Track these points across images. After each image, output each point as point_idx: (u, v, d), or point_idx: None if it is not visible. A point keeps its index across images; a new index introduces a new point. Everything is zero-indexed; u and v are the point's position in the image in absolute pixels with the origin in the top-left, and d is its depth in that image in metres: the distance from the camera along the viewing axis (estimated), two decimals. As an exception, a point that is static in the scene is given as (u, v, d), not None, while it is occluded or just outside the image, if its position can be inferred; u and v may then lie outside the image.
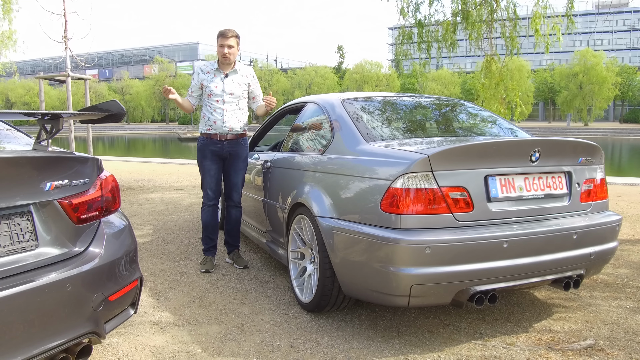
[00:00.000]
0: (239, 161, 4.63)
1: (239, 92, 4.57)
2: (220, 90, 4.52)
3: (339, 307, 3.44)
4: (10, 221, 2.02)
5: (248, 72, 4.69)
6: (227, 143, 4.55)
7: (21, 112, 2.26)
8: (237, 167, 4.64)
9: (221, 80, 4.54)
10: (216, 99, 4.52)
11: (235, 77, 4.58)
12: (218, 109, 4.52)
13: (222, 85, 4.53)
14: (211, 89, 4.53)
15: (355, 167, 3.19)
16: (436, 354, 2.92)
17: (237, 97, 4.57)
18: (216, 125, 4.52)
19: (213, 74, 4.57)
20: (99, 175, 2.44)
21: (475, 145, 3.05)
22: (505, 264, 2.89)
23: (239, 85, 4.57)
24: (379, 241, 2.83)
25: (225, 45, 4.49)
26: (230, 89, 4.53)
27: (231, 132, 4.54)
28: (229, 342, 3.10)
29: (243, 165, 4.68)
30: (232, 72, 4.58)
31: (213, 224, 4.72)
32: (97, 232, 2.37)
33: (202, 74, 4.61)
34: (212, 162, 4.59)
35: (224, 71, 4.56)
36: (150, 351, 2.98)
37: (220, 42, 4.52)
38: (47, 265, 2.08)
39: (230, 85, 4.54)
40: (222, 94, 4.52)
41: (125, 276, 2.42)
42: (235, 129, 4.56)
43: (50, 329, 2.01)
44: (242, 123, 4.62)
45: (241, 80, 4.60)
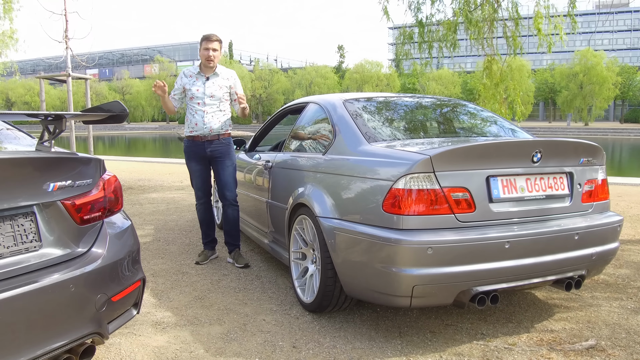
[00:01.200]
0: (224, 160, 4.73)
1: (219, 94, 4.68)
2: (201, 92, 4.65)
3: (341, 307, 3.44)
4: (14, 222, 2.03)
5: (230, 74, 4.80)
6: (209, 143, 4.67)
7: (24, 113, 2.26)
8: (224, 166, 4.73)
9: (202, 83, 4.68)
10: (197, 101, 4.65)
11: (217, 80, 4.70)
12: (199, 111, 4.64)
13: (203, 88, 4.66)
14: (193, 92, 4.67)
15: (357, 167, 3.19)
16: (438, 354, 2.93)
17: (218, 99, 4.68)
18: (197, 127, 4.65)
19: (195, 77, 4.71)
20: (101, 176, 2.44)
21: (477, 145, 3.05)
22: (507, 265, 2.89)
23: (219, 88, 4.69)
24: (381, 242, 2.84)
25: (210, 48, 4.63)
26: (211, 92, 4.66)
27: (212, 132, 4.65)
28: (231, 343, 3.10)
29: (230, 163, 4.76)
30: (213, 75, 4.70)
31: (207, 220, 4.94)
32: (100, 232, 2.38)
33: (184, 77, 4.76)
34: (196, 163, 4.77)
35: (206, 74, 4.70)
36: (153, 351, 2.98)
37: (204, 46, 4.66)
38: (50, 265, 2.09)
39: (211, 87, 4.67)
40: (203, 96, 4.65)
41: (128, 277, 2.43)
42: (217, 130, 4.67)
43: (53, 330, 2.02)
44: (223, 123, 4.72)
45: (222, 82, 4.71)
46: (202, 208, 4.89)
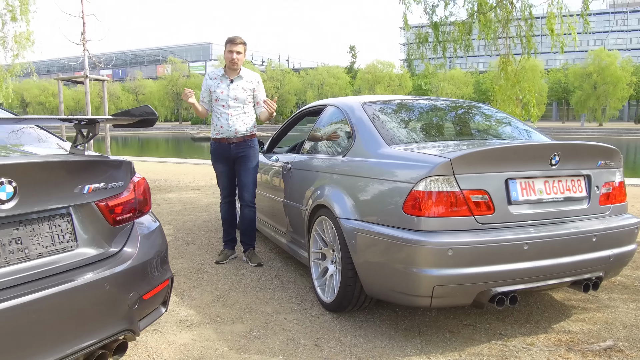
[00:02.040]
0: (247, 162, 4.82)
1: (243, 96, 4.77)
2: (225, 95, 4.75)
3: (361, 307, 3.50)
4: (52, 222, 2.11)
5: (253, 77, 4.87)
6: (235, 146, 4.77)
7: (58, 118, 2.34)
8: (246, 167, 4.82)
9: (227, 85, 4.77)
10: (222, 103, 4.76)
11: (240, 82, 4.78)
12: (224, 114, 4.75)
13: (227, 90, 4.75)
14: (217, 94, 4.77)
15: (377, 169, 3.25)
16: (457, 353, 2.98)
17: (242, 101, 4.77)
18: (223, 130, 4.76)
19: (219, 79, 4.81)
20: (131, 178, 2.52)
21: (497, 149, 3.10)
22: (526, 266, 2.94)
23: (243, 90, 4.77)
24: (402, 242, 2.89)
25: (234, 51, 4.71)
26: (235, 94, 4.74)
27: (237, 135, 4.75)
28: (254, 340, 3.18)
29: (252, 166, 4.85)
30: (237, 77, 4.79)
31: (230, 219, 5.07)
32: (131, 233, 2.46)
33: (209, 80, 4.86)
34: (222, 164, 4.88)
35: (230, 77, 4.78)
36: (179, 348, 3.07)
37: (229, 48, 4.75)
38: (85, 265, 2.17)
39: (235, 90, 4.75)
40: (227, 98, 4.74)
41: (157, 276, 2.51)
42: (242, 132, 4.76)
43: (90, 327, 2.10)
44: (248, 126, 4.81)
45: (246, 85, 4.79)
46: (225, 206, 5.01)
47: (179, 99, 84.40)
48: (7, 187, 1.85)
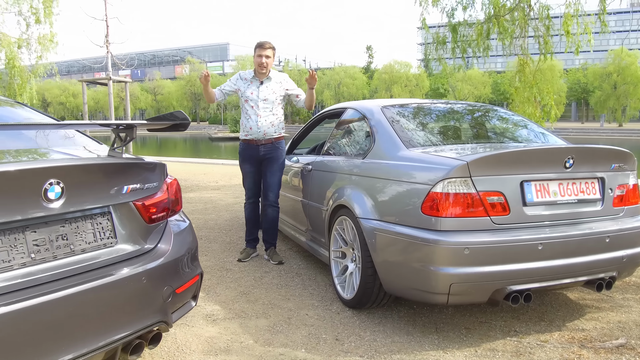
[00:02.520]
0: (274, 164, 4.94)
1: (272, 98, 4.90)
2: (255, 96, 4.87)
3: (380, 304, 3.63)
4: (94, 220, 2.27)
5: (282, 77, 5.03)
6: (263, 147, 4.90)
7: (98, 123, 2.49)
8: (273, 169, 4.95)
9: (256, 87, 4.90)
10: (251, 104, 4.88)
11: (270, 84, 4.92)
12: (253, 115, 4.87)
13: (257, 91, 4.88)
14: (247, 95, 4.90)
15: (397, 171, 3.38)
16: (473, 349, 3.10)
17: (271, 102, 4.89)
18: (252, 131, 4.88)
19: (250, 81, 4.94)
20: (165, 179, 2.68)
21: (512, 152, 3.21)
22: (540, 265, 3.05)
23: (273, 92, 4.90)
24: (420, 242, 3.02)
25: (263, 55, 4.84)
26: (264, 96, 4.87)
27: (266, 136, 4.88)
28: (277, 335, 3.32)
29: (279, 168, 4.99)
30: (267, 79, 4.92)
31: (254, 219, 5.18)
32: (165, 230, 2.61)
33: (240, 80, 5.00)
34: (250, 165, 5.00)
35: (260, 79, 4.92)
36: (206, 341, 3.22)
37: (258, 53, 4.87)
38: (124, 260, 2.33)
39: (265, 91, 4.88)
40: (257, 99, 4.87)
41: (189, 271, 2.66)
42: (270, 134, 4.89)
43: (128, 318, 2.25)
44: (276, 127, 4.93)
45: (276, 87, 4.93)
46: (250, 207, 5.13)
47: (197, 99, 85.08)
48: (56, 187, 2.01)
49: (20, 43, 18.55)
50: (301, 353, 3.06)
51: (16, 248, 1.97)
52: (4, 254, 1.93)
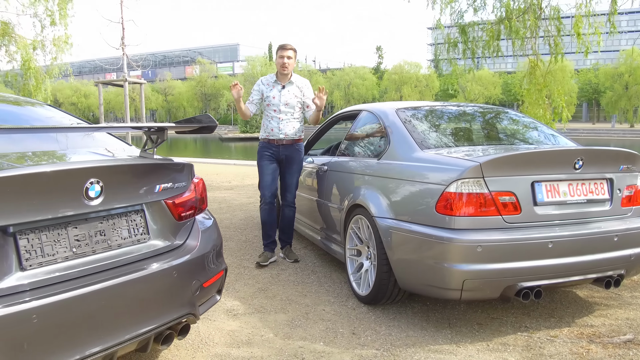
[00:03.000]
0: (293, 164, 5.06)
1: (294, 102, 5.00)
2: (277, 100, 4.98)
3: (394, 300, 3.76)
4: (128, 217, 2.41)
5: (304, 83, 5.11)
6: (283, 147, 5.00)
7: (129, 126, 2.64)
8: (291, 169, 5.06)
9: (278, 91, 5.00)
10: (274, 108, 4.99)
11: (291, 88, 5.02)
12: (275, 118, 4.98)
13: (279, 95, 4.98)
14: (270, 99, 5.00)
15: (411, 172, 3.50)
16: (485, 343, 3.22)
17: (292, 107, 5.00)
18: (273, 133, 4.99)
19: (272, 85, 5.04)
20: (192, 179, 2.82)
21: (524, 154, 3.33)
22: (550, 263, 3.16)
23: (294, 96, 5.01)
24: (434, 240, 3.15)
25: (285, 56, 4.94)
26: (286, 100, 4.97)
27: (287, 137, 4.98)
28: (296, 329, 3.46)
29: (297, 168, 5.10)
30: (289, 83, 5.02)
31: (271, 221, 5.11)
32: (193, 228, 2.76)
33: (262, 85, 5.08)
34: (269, 162, 5.04)
35: (281, 82, 5.01)
36: (228, 334, 3.36)
37: (279, 54, 4.98)
38: (156, 255, 2.47)
39: (286, 96, 4.98)
40: (279, 103, 4.97)
41: (215, 266, 2.80)
42: (291, 136, 5.00)
43: (161, 309, 2.40)
44: (297, 130, 5.05)
45: (297, 91, 5.03)
46: (266, 209, 5.05)
47: (207, 100, 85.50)
48: (96, 186, 2.15)
49: (35, 45, 18.84)
50: (320, 346, 3.20)
51: (59, 243, 2.12)
52: (48, 248, 2.07)
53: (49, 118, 3.15)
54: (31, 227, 2.03)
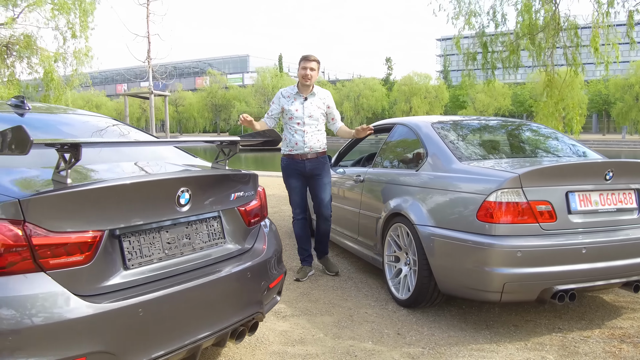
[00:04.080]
0: (322, 178, 4.94)
1: (317, 114, 4.88)
2: (300, 113, 4.86)
3: (433, 303, 3.99)
4: (208, 223, 2.67)
5: (325, 94, 5.02)
6: (309, 162, 4.87)
7: (202, 140, 2.90)
8: (321, 184, 4.95)
9: (301, 103, 4.88)
10: (297, 121, 4.86)
11: (314, 100, 4.91)
12: (299, 131, 4.84)
13: (302, 108, 4.87)
14: (292, 112, 4.88)
15: (452, 182, 3.75)
16: (523, 343, 3.44)
17: (316, 119, 4.88)
18: (297, 147, 4.86)
19: (293, 97, 4.92)
20: (257, 188, 3.08)
21: (559, 166, 3.58)
22: (584, 267, 3.40)
23: (317, 108, 4.89)
24: (476, 245, 3.39)
25: (308, 67, 4.83)
26: (310, 112, 4.86)
27: (311, 151, 4.86)
28: (344, 329, 3.69)
29: (327, 181, 4.98)
30: (311, 95, 4.91)
31: (305, 236, 5.13)
32: (259, 233, 3.01)
33: (282, 98, 4.97)
34: (296, 179, 4.96)
35: (304, 94, 4.91)
36: (281, 334, 3.60)
37: (302, 65, 4.87)
38: (231, 257, 2.73)
39: (310, 108, 4.87)
40: (302, 116, 4.85)
41: (277, 270, 3.05)
42: (315, 149, 4.87)
43: (237, 307, 2.65)
44: (322, 142, 4.93)
45: (319, 103, 4.92)
46: (299, 224, 5.06)
47: (217, 111, 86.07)
48: (186, 194, 2.42)
49: (57, 57, 19.30)
50: (369, 345, 3.43)
51: (154, 245, 2.38)
52: (146, 250, 2.33)
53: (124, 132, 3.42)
54: (132, 230, 2.29)
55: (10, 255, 1.93)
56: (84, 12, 18.86)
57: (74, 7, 18.79)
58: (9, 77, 19.58)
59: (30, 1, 18.37)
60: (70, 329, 1.97)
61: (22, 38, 18.98)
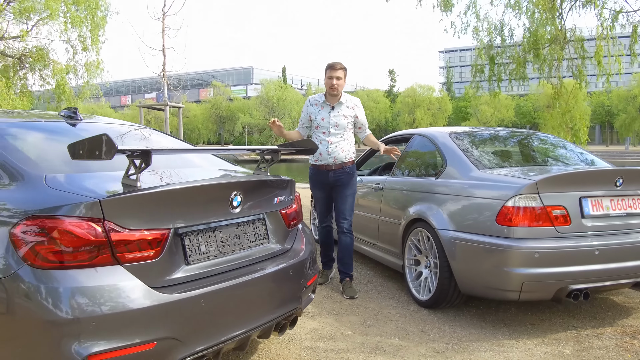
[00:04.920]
0: (345, 189, 4.85)
1: (344, 123, 4.79)
2: (326, 122, 4.78)
3: (453, 303, 4.21)
4: (254, 224, 2.92)
5: (354, 102, 4.92)
6: (333, 173, 4.80)
7: (244, 148, 3.15)
8: (343, 195, 4.86)
9: (327, 112, 4.80)
10: (322, 130, 4.79)
11: (341, 108, 4.81)
12: (324, 141, 4.76)
13: (328, 117, 4.79)
14: (318, 121, 4.81)
15: (472, 189, 3.99)
16: (540, 339, 3.67)
17: (343, 128, 4.79)
18: (322, 157, 4.79)
19: (320, 106, 4.85)
20: (294, 194, 3.33)
21: (573, 173, 3.82)
22: (597, 268, 3.63)
23: (344, 117, 4.79)
24: (496, 247, 3.62)
25: (334, 77, 4.72)
26: (336, 121, 4.77)
27: (336, 162, 4.78)
28: (370, 327, 3.92)
29: (350, 192, 4.88)
30: (338, 104, 4.82)
31: (328, 242, 5.24)
32: (297, 235, 3.25)
33: (310, 106, 4.91)
34: (320, 190, 4.96)
35: (331, 103, 4.82)
36: (311, 331, 3.84)
37: (329, 74, 4.76)
38: (275, 256, 2.97)
39: (336, 117, 4.78)
40: (328, 125, 4.78)
41: (313, 268, 3.29)
42: (340, 159, 4.79)
43: (281, 301, 2.89)
44: (347, 152, 4.82)
45: (347, 112, 4.81)
46: (324, 231, 5.16)
47: (221, 122, 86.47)
48: (238, 197, 2.66)
49: (68, 69, 19.66)
50: (395, 341, 3.66)
51: (210, 243, 2.62)
52: (203, 247, 2.58)
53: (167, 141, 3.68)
54: (192, 229, 2.54)
55: (92, 250, 2.18)
56: (95, 26, 19.26)
57: (85, 21, 19.18)
58: (21, 89, 19.97)
59: (43, 15, 18.76)
60: (143, 316, 2.22)
61: (35, 51, 19.39)
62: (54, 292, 2.11)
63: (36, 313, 2.09)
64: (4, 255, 2.17)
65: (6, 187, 2.39)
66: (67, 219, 2.17)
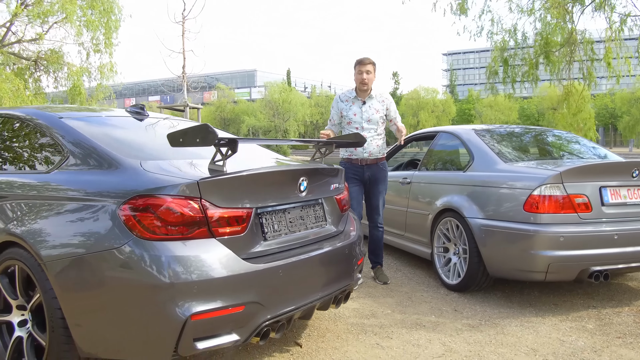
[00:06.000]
0: (378, 184, 4.97)
1: (376, 117, 4.84)
2: (358, 117, 4.84)
3: (481, 287, 4.56)
4: (314, 208, 3.28)
5: (385, 96, 4.95)
6: (367, 168, 4.90)
7: (299, 140, 3.53)
8: (376, 190, 4.97)
9: (359, 107, 4.86)
10: (355, 126, 4.84)
11: (372, 103, 4.87)
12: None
13: (360, 112, 4.85)
14: (350, 116, 4.87)
15: (499, 180, 4.36)
16: (564, 316, 4.03)
17: (375, 122, 4.84)
18: (356, 152, 4.83)
19: (351, 102, 4.91)
20: (344, 182, 3.69)
21: (594, 164, 4.20)
22: (616, 251, 4.00)
23: (376, 112, 4.84)
24: (524, 232, 3.99)
25: (364, 71, 4.80)
26: (368, 116, 4.82)
27: (370, 157, 4.88)
28: (407, 307, 4.28)
29: (383, 188, 5.01)
30: (369, 98, 4.87)
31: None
32: (348, 219, 3.62)
33: (340, 102, 4.97)
34: (353, 184, 4.89)
35: (362, 98, 4.88)
36: (354, 311, 4.19)
37: (358, 69, 4.83)
38: (332, 237, 3.33)
39: (368, 112, 4.84)
40: (361, 120, 4.84)
41: (362, 250, 3.65)
42: (375, 154, 4.88)
43: (339, 276, 3.25)
44: (381, 147, 4.93)
45: (378, 106, 4.87)
46: None
47: (226, 124, 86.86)
48: (305, 182, 3.03)
49: (82, 71, 20.07)
50: (432, 318, 4.02)
51: (281, 222, 2.98)
52: (276, 226, 2.94)
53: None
54: (267, 210, 2.90)
55: (192, 224, 2.54)
56: (108, 29, 19.68)
57: (100, 25, 19.57)
58: (35, 90, 20.36)
59: (59, 17, 19.12)
60: (235, 282, 2.58)
61: (50, 53, 19.79)
62: (160, 261, 2.46)
63: (145, 278, 2.45)
64: (114, 229, 2.53)
65: (108, 172, 2.75)
66: (169, 197, 2.53)
